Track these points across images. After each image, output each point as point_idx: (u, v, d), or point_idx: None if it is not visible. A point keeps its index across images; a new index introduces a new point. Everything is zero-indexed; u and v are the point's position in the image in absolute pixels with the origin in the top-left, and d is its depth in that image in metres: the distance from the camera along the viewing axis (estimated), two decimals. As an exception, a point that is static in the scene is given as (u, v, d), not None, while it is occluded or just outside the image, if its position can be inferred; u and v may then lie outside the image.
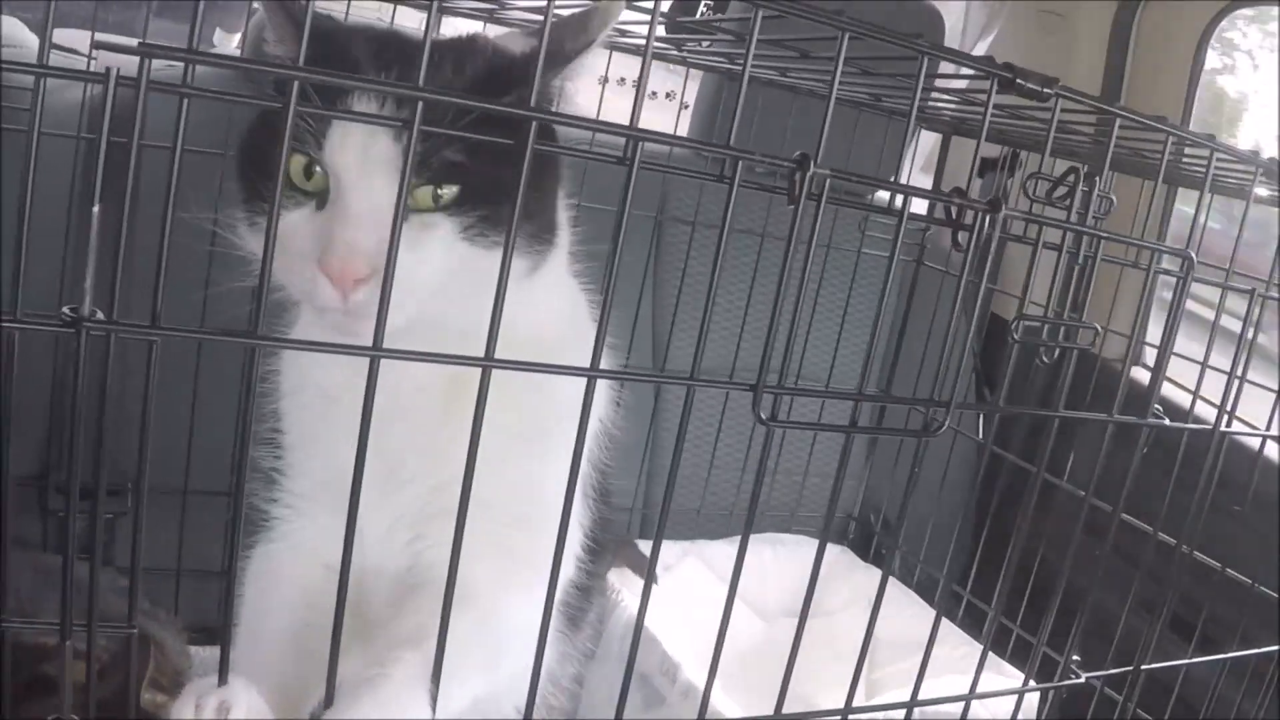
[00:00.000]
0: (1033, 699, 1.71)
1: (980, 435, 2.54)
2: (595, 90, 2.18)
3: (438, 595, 0.98)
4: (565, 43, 1.05)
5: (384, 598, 1.23)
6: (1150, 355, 2.67)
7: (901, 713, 1.20)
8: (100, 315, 0.71)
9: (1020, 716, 1.35)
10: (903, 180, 1.05)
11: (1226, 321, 1.38)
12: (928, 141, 3.04)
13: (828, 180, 0.84)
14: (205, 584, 1.78)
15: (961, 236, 0.94)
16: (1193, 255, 1.14)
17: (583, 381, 0.90)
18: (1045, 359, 1.10)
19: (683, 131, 2.44)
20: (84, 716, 0.84)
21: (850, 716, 1.11)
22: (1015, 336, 1.05)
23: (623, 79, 2.35)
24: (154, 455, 0.81)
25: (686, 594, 2.20)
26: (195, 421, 1.85)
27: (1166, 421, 1.21)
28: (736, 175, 0.84)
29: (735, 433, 2.48)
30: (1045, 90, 0.94)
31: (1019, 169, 2.36)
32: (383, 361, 0.81)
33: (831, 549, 2.51)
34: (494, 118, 0.91)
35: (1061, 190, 1.07)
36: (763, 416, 0.89)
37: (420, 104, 0.76)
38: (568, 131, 0.93)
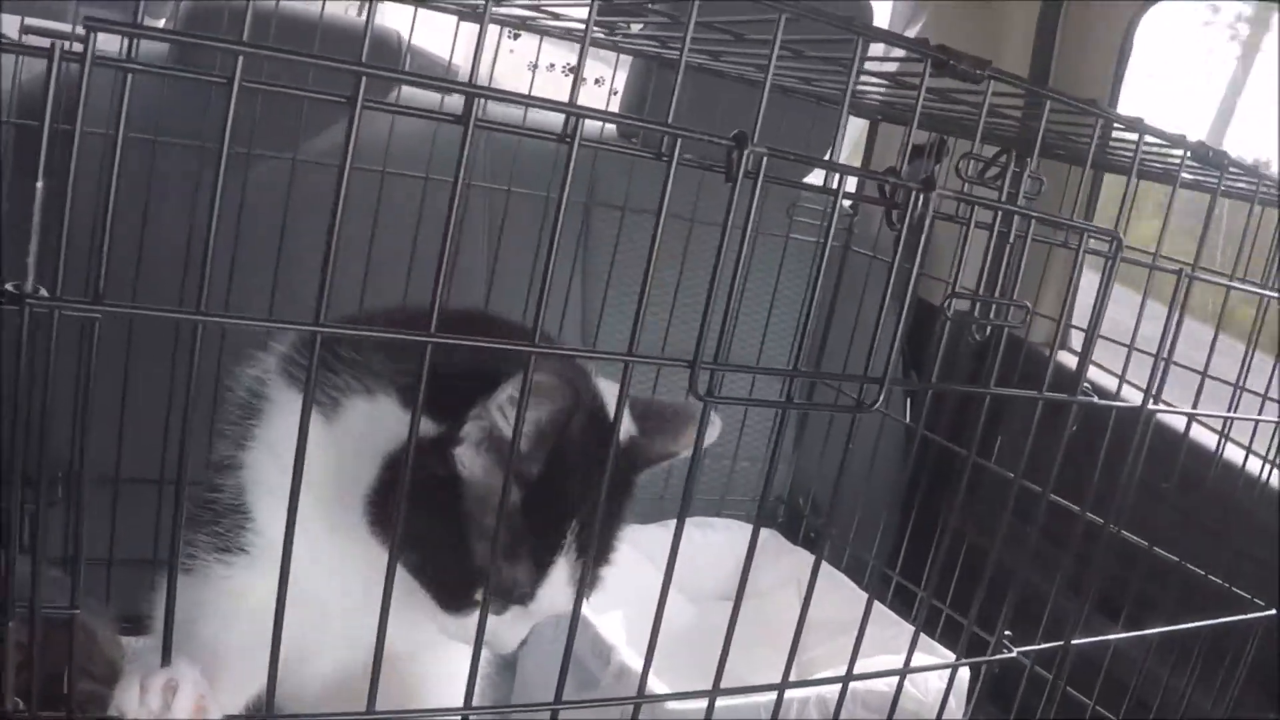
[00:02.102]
0: (964, 679, 1.73)
1: (908, 418, 2.56)
2: (526, 76, 2.18)
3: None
4: (655, 445, 1.27)
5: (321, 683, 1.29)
6: (1077, 339, 2.70)
7: (835, 691, 1.21)
8: (44, 292, 0.70)
9: (951, 696, 1.37)
10: (842, 183, 1.07)
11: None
12: (854, 129, 3.06)
13: (764, 158, 0.84)
14: (137, 574, 1.76)
15: (895, 217, 0.95)
16: (1120, 236, 1.15)
17: None
18: (976, 336, 1.11)
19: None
20: (26, 703, 0.83)
21: (787, 691, 1.13)
22: (948, 314, 1.05)
23: (552, 65, 2.35)
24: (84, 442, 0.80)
25: (618, 577, 2.20)
26: (126, 408, 1.83)
27: (1095, 399, 1.22)
28: (675, 153, 0.84)
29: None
30: (978, 72, 0.95)
31: (946, 155, 2.37)
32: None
33: (761, 532, 2.52)
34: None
35: (993, 171, 1.07)
36: (700, 392, 0.90)
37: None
38: (508, 113, 0.93)
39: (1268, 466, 1.78)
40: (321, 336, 0.79)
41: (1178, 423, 1.58)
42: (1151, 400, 1.33)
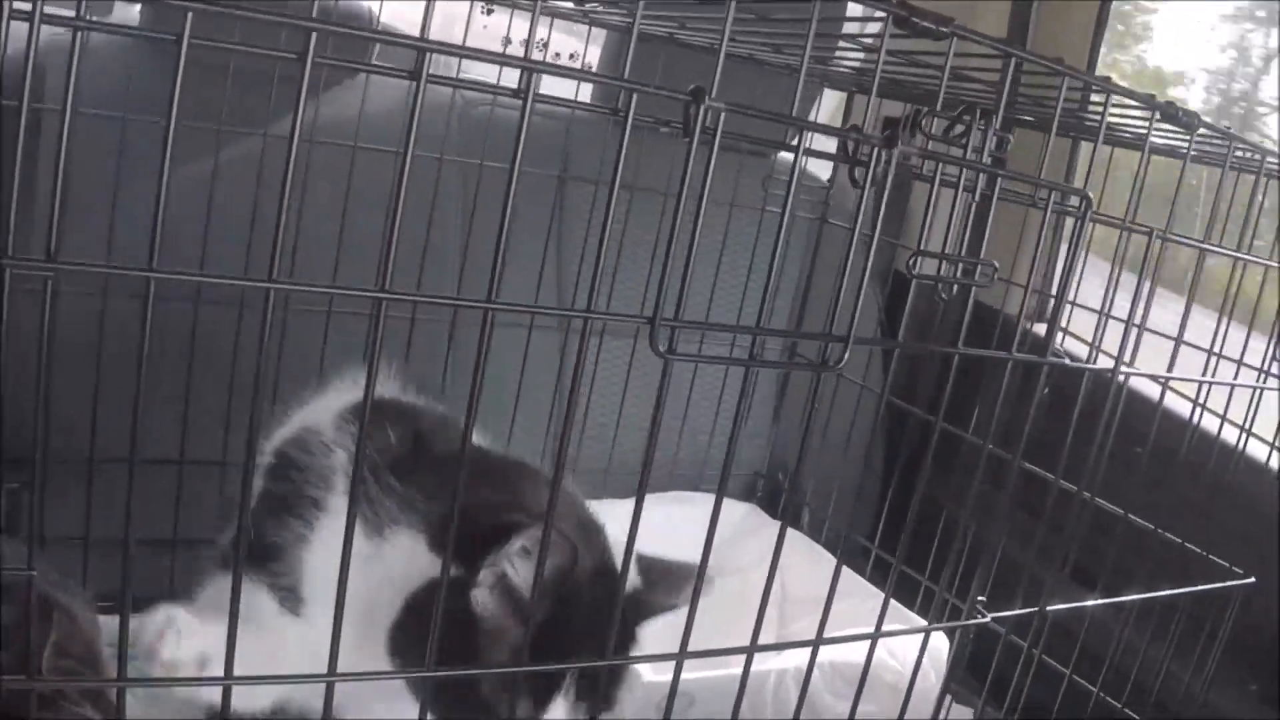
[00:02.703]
0: (942, 649, 1.72)
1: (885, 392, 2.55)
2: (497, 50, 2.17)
3: None
4: (656, 597, 1.37)
5: None
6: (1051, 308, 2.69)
7: (809, 660, 1.21)
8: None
9: (927, 665, 1.36)
10: (802, 138, 1.09)
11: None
12: (830, 103, 3.05)
13: (722, 114, 0.84)
14: (115, 553, 1.74)
15: (859, 174, 0.94)
16: (1090, 195, 1.14)
17: None
18: (943, 296, 1.10)
19: (585, 93, 2.43)
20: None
21: (766, 665, 1.12)
22: (912, 274, 1.05)
23: (525, 41, 2.34)
24: (57, 420, 0.80)
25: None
26: (100, 384, 1.81)
27: (1066, 361, 1.22)
28: (632, 106, 0.83)
29: (642, 392, 2.47)
30: (940, 29, 0.94)
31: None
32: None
33: (740, 506, 2.53)
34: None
35: (959, 129, 1.07)
36: (660, 349, 0.89)
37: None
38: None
39: (1243, 434, 1.77)
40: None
41: (1152, 391, 1.57)
42: (1124, 364, 1.32)
